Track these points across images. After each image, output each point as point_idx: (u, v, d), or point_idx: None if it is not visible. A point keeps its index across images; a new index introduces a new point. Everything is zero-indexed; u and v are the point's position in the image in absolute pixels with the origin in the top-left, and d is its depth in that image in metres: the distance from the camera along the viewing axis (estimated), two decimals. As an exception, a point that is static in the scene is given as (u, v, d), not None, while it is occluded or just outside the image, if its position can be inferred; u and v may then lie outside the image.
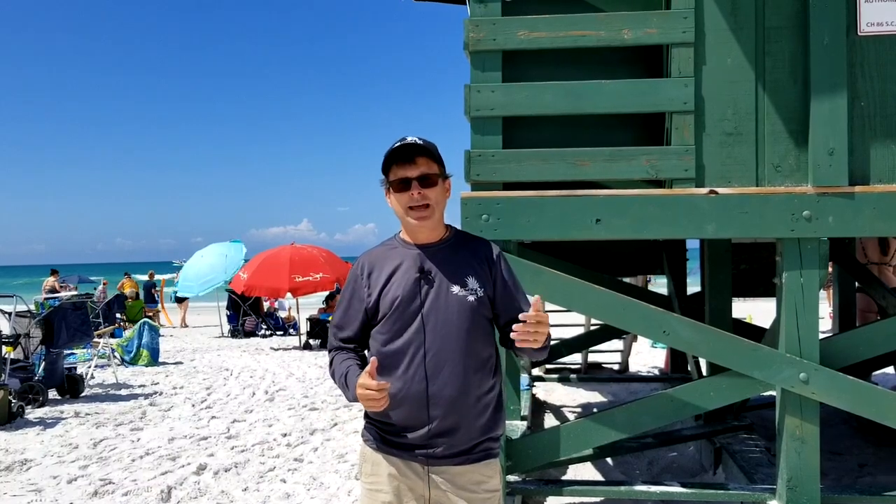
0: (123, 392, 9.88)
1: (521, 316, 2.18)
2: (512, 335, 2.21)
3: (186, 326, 21.98)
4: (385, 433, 2.44)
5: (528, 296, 2.54)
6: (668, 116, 3.79)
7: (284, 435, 7.16)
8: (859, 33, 3.67)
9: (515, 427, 5.22)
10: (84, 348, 11.70)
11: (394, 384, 2.32)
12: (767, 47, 3.72)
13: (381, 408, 2.23)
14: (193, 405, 8.89)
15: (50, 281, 23.62)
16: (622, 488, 4.05)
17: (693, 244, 7.05)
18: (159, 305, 23.38)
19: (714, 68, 3.73)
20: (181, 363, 12.99)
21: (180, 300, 21.87)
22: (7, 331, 9.14)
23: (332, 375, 2.48)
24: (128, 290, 19.78)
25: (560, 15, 3.82)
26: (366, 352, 2.52)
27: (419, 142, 2.38)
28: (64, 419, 8.02)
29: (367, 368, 2.25)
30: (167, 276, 26.14)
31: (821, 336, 3.73)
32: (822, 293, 19.53)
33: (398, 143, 2.39)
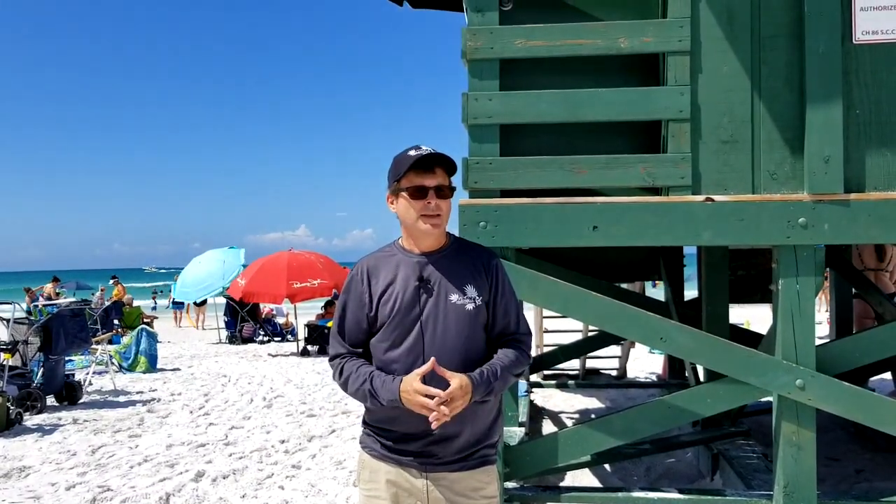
0: (121, 399, 9.87)
1: (433, 403, 2.22)
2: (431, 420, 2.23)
3: (204, 329, 22.38)
4: (383, 440, 2.45)
5: (518, 310, 2.56)
6: (664, 124, 3.81)
7: (282, 441, 7.16)
8: (854, 42, 3.70)
9: (513, 433, 5.22)
10: (82, 355, 11.70)
11: None
12: (763, 56, 3.75)
13: (441, 419, 2.25)
14: (191, 412, 8.88)
15: (48, 287, 23.65)
16: (620, 494, 4.06)
17: (690, 250, 7.07)
18: (185, 308, 24.07)
19: (710, 76, 3.76)
20: (179, 370, 12.98)
21: (199, 304, 22.31)
22: (5, 337, 9.14)
23: (345, 383, 2.44)
24: (125, 297, 19.82)
25: (557, 24, 3.84)
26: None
27: (439, 153, 2.40)
28: (62, 426, 8.02)
29: (422, 369, 2.26)
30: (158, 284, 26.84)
31: (818, 342, 3.75)
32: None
33: (418, 151, 2.38)
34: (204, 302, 22.02)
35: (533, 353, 2.85)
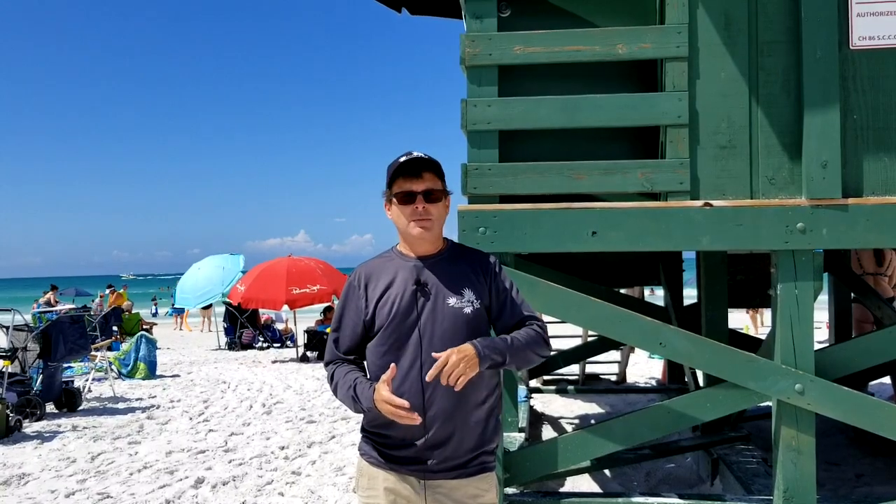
0: (121, 405, 9.86)
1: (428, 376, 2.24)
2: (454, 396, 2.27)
3: (211, 332, 22.54)
4: (382, 447, 2.45)
5: (526, 304, 2.56)
6: (662, 130, 3.83)
7: (282, 448, 7.16)
8: (851, 47, 3.71)
9: (513, 439, 5.22)
10: (81, 361, 11.68)
11: None
12: (761, 61, 3.76)
13: (413, 422, 2.26)
14: (191, 418, 8.88)
15: (48, 294, 23.68)
16: (620, 500, 4.06)
17: (689, 255, 7.07)
18: (184, 314, 24.40)
19: (708, 82, 3.77)
20: (178, 376, 12.97)
21: (205, 308, 22.45)
22: (5, 344, 9.13)
23: (335, 389, 2.48)
24: (124, 304, 19.83)
25: (555, 30, 3.86)
26: (365, 363, 2.54)
27: (426, 157, 2.42)
28: (61, 433, 8.01)
29: (385, 377, 2.27)
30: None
31: (817, 347, 3.76)
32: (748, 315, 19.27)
33: (406, 157, 2.42)
34: (209, 305, 22.09)
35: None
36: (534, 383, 8.67)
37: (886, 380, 7.52)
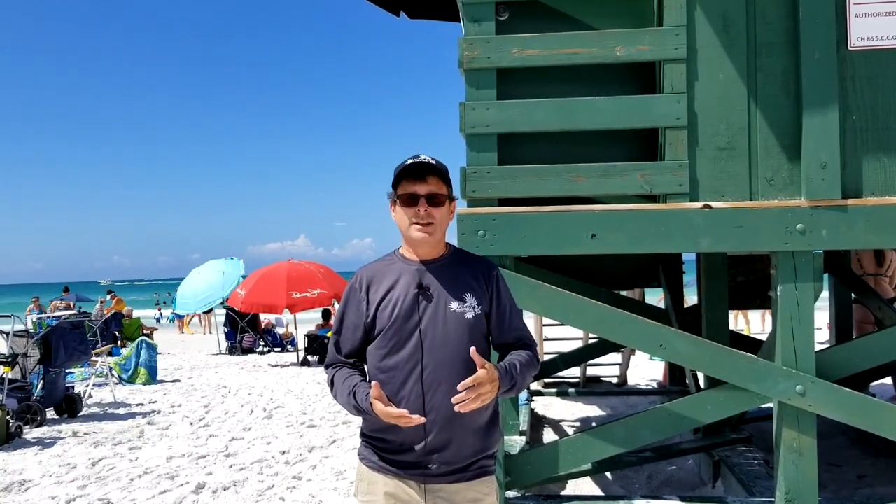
0: (121, 411, 9.85)
1: (459, 386, 2.23)
2: (455, 405, 2.25)
3: (211, 334, 22.54)
4: (381, 451, 2.44)
5: (521, 320, 2.57)
6: (661, 132, 3.83)
7: (283, 452, 7.14)
8: (850, 48, 3.71)
9: (514, 442, 5.23)
10: (82, 367, 11.67)
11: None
12: (759, 63, 3.76)
13: (417, 422, 2.28)
14: (191, 423, 8.86)
15: (56, 303, 23.78)
16: (621, 503, 4.06)
17: (690, 256, 7.07)
18: (186, 318, 25.11)
19: (706, 84, 3.77)
20: (179, 381, 12.95)
21: (206, 311, 22.43)
22: (5, 350, 9.12)
23: (335, 394, 2.47)
24: (125, 309, 19.83)
25: (553, 33, 3.86)
26: (365, 367, 2.53)
27: (432, 161, 2.43)
28: (62, 439, 8.00)
29: (374, 394, 2.28)
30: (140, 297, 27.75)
31: (817, 348, 3.75)
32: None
33: (412, 161, 2.43)
34: (210, 310, 22.11)
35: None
36: (535, 386, 8.66)
37: (888, 380, 7.51)
